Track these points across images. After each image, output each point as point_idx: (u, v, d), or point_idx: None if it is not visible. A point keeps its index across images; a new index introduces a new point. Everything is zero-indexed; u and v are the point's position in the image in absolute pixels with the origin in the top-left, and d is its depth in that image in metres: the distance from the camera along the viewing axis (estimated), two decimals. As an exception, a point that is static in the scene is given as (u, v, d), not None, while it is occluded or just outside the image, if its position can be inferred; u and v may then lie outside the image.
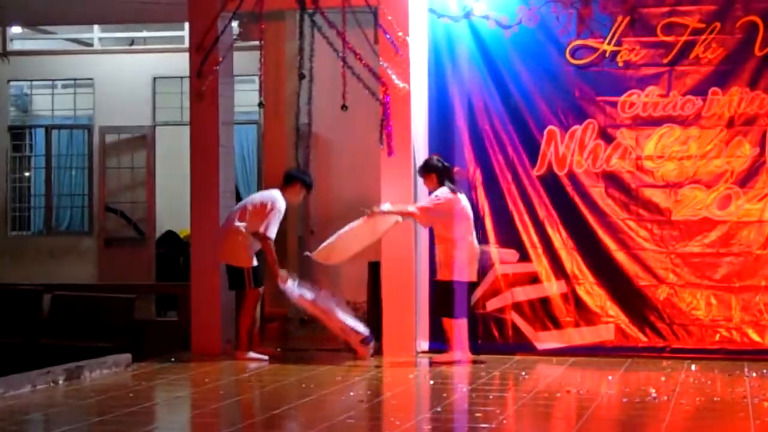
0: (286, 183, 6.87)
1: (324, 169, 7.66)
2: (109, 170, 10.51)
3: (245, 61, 8.02)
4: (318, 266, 7.32)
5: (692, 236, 6.85)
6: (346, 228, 6.62)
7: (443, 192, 6.58)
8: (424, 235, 7.02)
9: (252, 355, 6.78)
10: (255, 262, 6.84)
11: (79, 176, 10.73)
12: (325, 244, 6.67)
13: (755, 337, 6.74)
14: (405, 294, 6.87)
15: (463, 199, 6.66)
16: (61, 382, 5.77)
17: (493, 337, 6.96)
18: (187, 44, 7.79)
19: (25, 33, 11.21)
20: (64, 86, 10.88)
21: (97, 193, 10.49)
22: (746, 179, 6.81)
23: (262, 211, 6.72)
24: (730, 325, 6.77)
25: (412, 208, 6.65)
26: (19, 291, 8.43)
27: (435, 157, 6.74)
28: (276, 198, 6.79)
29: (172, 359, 6.79)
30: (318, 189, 7.46)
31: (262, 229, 6.65)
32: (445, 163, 6.69)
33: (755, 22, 6.77)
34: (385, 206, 6.61)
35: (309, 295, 6.71)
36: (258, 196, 6.99)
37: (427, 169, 6.68)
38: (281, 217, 6.78)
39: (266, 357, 6.75)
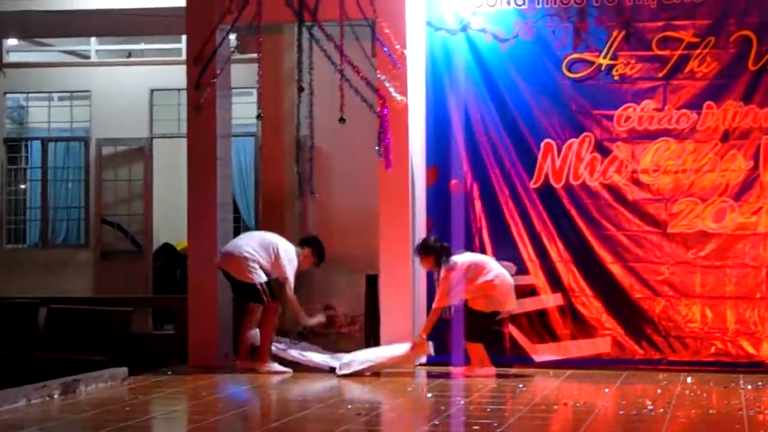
0: (301, 245, 6.92)
1: (323, 182, 7.67)
2: (106, 183, 10.49)
3: (243, 73, 8.05)
4: (315, 281, 7.32)
5: (688, 249, 6.89)
6: (386, 354, 6.56)
7: (443, 274, 6.55)
8: (421, 247, 7.04)
9: (276, 367, 6.74)
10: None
11: (76, 189, 10.71)
12: (359, 366, 6.55)
13: (750, 349, 6.77)
14: (402, 306, 6.87)
15: (461, 259, 6.58)
16: (56, 396, 5.75)
17: (490, 350, 6.96)
18: (184, 56, 7.83)
19: (21, 45, 11.22)
20: (61, 98, 10.88)
21: (93, 206, 10.46)
22: (741, 192, 6.86)
23: (276, 257, 6.76)
24: (726, 337, 6.80)
25: (434, 305, 6.62)
26: (15, 304, 8.39)
27: (432, 238, 6.71)
28: (291, 251, 6.83)
29: (169, 372, 6.77)
30: (317, 201, 7.48)
31: (283, 276, 6.75)
32: (443, 243, 6.66)
33: (749, 37, 6.83)
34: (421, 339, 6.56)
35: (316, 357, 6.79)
36: (282, 244, 6.88)
37: (425, 251, 6.62)
38: (295, 266, 6.81)
39: (290, 369, 6.73)
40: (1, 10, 9.62)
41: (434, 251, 6.61)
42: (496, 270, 6.63)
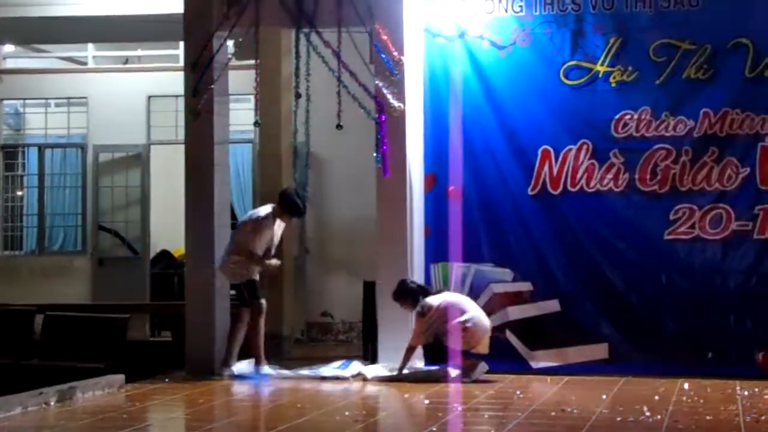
0: (278, 201, 6.87)
1: (321, 189, 7.68)
2: (103, 189, 10.50)
3: (241, 80, 8.06)
4: (314, 287, 7.32)
5: (684, 255, 6.89)
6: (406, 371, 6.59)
7: (416, 317, 6.55)
8: (419, 253, 7.05)
9: (270, 369, 6.74)
10: (255, 277, 6.79)
11: (73, 195, 10.71)
12: (380, 375, 6.60)
13: (747, 354, 6.77)
14: (400, 313, 6.86)
15: (437, 301, 6.59)
16: (53, 403, 5.72)
17: (488, 356, 6.96)
18: (182, 63, 7.84)
19: (18, 51, 11.23)
20: (58, 105, 10.89)
21: (90, 213, 10.46)
22: (737, 199, 6.87)
23: (245, 229, 6.72)
24: (723, 343, 6.79)
25: (408, 344, 6.61)
26: (12, 311, 8.36)
27: (408, 280, 6.69)
28: (257, 212, 6.76)
29: (166, 380, 6.76)
30: (314, 208, 7.48)
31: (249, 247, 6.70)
32: (420, 285, 6.65)
33: (745, 44, 6.86)
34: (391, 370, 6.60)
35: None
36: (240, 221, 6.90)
37: (404, 294, 6.62)
38: (261, 228, 6.72)
39: (287, 371, 6.73)
40: (-2, 17, 9.62)
41: (411, 293, 6.61)
42: (472, 312, 6.63)
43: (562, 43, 7.03)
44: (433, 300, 6.62)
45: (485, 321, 6.64)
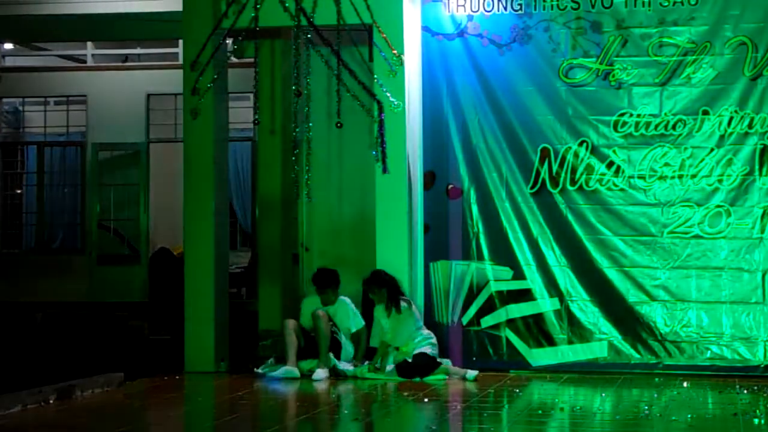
0: None
1: (320, 186, 7.67)
2: (102, 187, 10.50)
3: (240, 78, 8.05)
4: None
5: (683, 253, 6.90)
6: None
7: (404, 308, 6.59)
8: (418, 251, 7.05)
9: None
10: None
11: (72, 193, 10.73)
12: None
13: (746, 353, 6.78)
14: (400, 311, 6.86)
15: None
16: (52, 401, 5.72)
17: (487, 354, 6.98)
18: (181, 61, 7.83)
19: (17, 49, 11.23)
20: (57, 103, 10.90)
21: (89, 211, 10.47)
22: (736, 197, 6.88)
23: None
24: (721, 342, 6.82)
25: (381, 342, 6.69)
26: (11, 309, 8.37)
27: (382, 272, 6.69)
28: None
29: (165, 378, 6.77)
30: (313, 206, 7.49)
31: None
32: (395, 278, 6.65)
33: (744, 43, 6.87)
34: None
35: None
36: None
37: (379, 283, 6.64)
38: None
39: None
40: (-3, 15, 9.62)
41: (386, 284, 6.62)
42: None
43: (561, 41, 7.03)
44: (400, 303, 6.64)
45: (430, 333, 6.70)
